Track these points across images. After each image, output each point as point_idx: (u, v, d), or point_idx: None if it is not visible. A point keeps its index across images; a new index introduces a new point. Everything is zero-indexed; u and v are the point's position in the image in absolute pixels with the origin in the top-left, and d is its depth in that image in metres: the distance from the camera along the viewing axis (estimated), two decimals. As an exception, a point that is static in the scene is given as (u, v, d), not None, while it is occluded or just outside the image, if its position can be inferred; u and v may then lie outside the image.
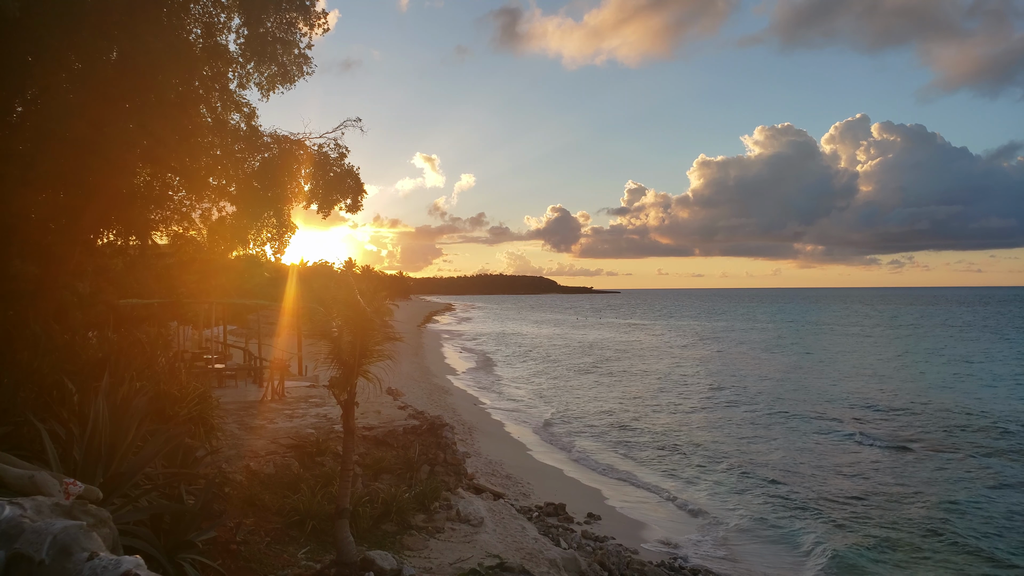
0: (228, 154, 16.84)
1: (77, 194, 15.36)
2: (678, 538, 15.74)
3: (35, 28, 13.01)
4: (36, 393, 9.08)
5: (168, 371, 12.81)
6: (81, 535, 1.09)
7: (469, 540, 11.30)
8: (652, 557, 14.13)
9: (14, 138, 14.50)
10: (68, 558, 1.03)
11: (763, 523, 16.91)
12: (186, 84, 15.71)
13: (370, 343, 9.40)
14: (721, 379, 42.60)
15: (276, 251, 17.83)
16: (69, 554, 1.04)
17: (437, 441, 14.43)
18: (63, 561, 1.02)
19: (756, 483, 20.13)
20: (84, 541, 1.08)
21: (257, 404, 17.26)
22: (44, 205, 15.06)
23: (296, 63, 17.05)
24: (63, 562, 1.02)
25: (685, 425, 28.47)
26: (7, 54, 13.42)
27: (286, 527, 10.42)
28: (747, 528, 16.64)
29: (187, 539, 7.33)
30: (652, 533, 16.12)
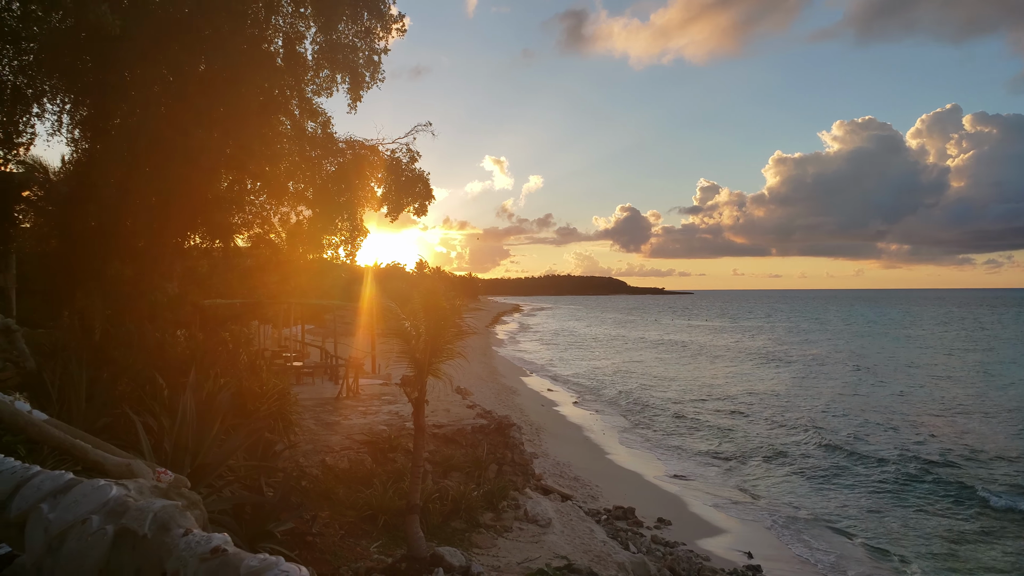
0: (306, 160, 17.44)
1: (167, 200, 16.14)
2: (753, 547, 15.42)
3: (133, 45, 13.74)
4: (131, 387, 9.65)
5: (250, 368, 13.32)
6: (177, 513, 1.27)
7: (537, 540, 11.41)
8: (724, 565, 13.92)
9: (113, 148, 15.33)
10: (167, 533, 1.20)
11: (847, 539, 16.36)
12: (267, 93, 16.35)
13: (442, 341, 9.61)
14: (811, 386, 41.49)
15: (349, 254, 18.36)
16: (167, 530, 1.21)
17: (505, 441, 14.60)
18: (162, 536, 1.20)
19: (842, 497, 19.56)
20: (180, 519, 1.26)
21: (333, 401, 17.76)
22: (138, 211, 15.87)
23: (369, 68, 17.54)
24: (162, 536, 1.19)
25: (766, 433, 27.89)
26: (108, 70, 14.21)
27: (359, 521, 10.74)
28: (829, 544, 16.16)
29: (267, 529, 7.69)
30: (725, 540, 15.85)
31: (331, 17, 16.57)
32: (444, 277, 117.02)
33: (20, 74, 15.73)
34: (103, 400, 8.27)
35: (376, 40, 17.62)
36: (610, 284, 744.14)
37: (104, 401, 8.29)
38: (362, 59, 17.44)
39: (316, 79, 17.54)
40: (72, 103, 16.60)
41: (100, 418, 8.02)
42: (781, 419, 30.15)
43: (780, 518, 17.49)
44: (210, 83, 15.42)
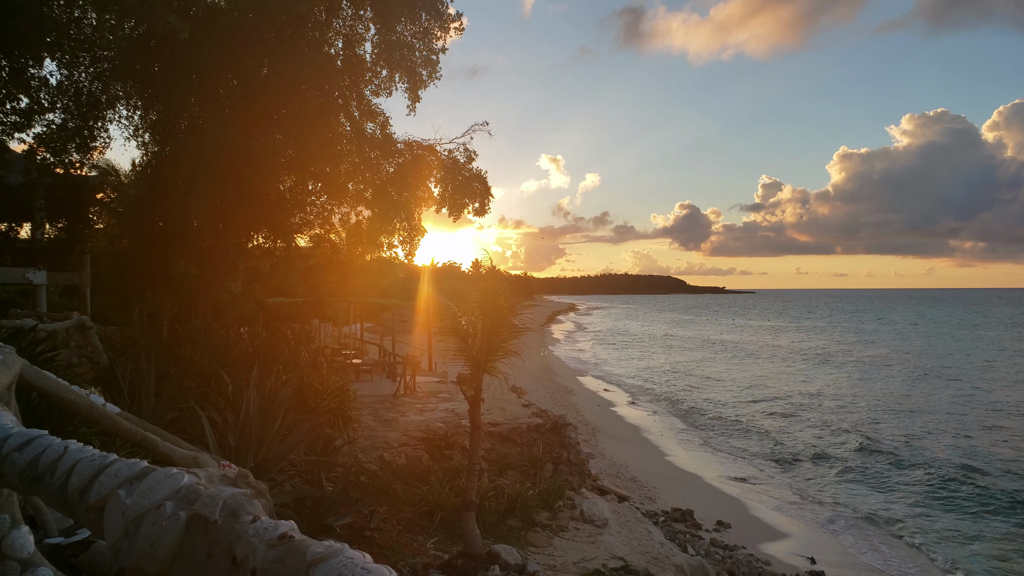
0: (365, 161, 17.71)
1: (231, 200, 16.58)
2: (816, 552, 15.04)
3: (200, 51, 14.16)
4: (197, 383, 9.94)
5: (310, 365, 13.58)
6: (246, 501, 1.31)
7: (593, 540, 11.37)
8: (786, 570, 13.63)
9: (179, 151, 15.81)
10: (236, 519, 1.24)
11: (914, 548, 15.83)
12: (327, 95, 16.66)
13: (498, 339, 9.66)
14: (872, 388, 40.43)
15: (408, 253, 18.59)
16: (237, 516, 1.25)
17: (561, 440, 14.58)
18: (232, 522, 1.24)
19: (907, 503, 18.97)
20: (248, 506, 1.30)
21: (390, 398, 17.98)
22: (203, 211, 16.35)
23: (427, 68, 17.72)
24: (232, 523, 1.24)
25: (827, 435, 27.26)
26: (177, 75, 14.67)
27: (416, 516, 10.85)
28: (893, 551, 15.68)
29: (326, 523, 7.84)
30: (787, 544, 15.50)
31: (390, 18, 16.80)
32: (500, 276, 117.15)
33: (96, 80, 16.37)
34: (171, 395, 8.54)
35: (434, 40, 17.80)
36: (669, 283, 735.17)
37: (172, 396, 8.56)
38: (420, 59, 17.64)
39: (375, 80, 17.80)
40: (143, 108, 17.20)
41: (168, 412, 8.28)
42: (843, 421, 29.42)
43: (843, 523, 17.07)
44: (272, 86, 15.79)
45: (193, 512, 1.35)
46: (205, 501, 1.35)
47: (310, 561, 1.04)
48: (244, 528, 1.23)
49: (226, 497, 1.33)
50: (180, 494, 1.41)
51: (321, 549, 1.05)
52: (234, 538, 1.22)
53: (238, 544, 1.20)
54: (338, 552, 1.04)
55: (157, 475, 1.54)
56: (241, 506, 1.30)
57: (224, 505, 1.32)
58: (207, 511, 1.32)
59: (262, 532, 1.17)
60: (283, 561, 1.09)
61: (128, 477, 1.62)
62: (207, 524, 1.30)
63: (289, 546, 1.11)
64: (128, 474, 1.64)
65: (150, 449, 4.88)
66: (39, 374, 4.25)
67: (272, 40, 15.41)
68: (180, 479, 1.47)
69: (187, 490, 1.41)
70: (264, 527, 1.19)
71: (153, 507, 1.41)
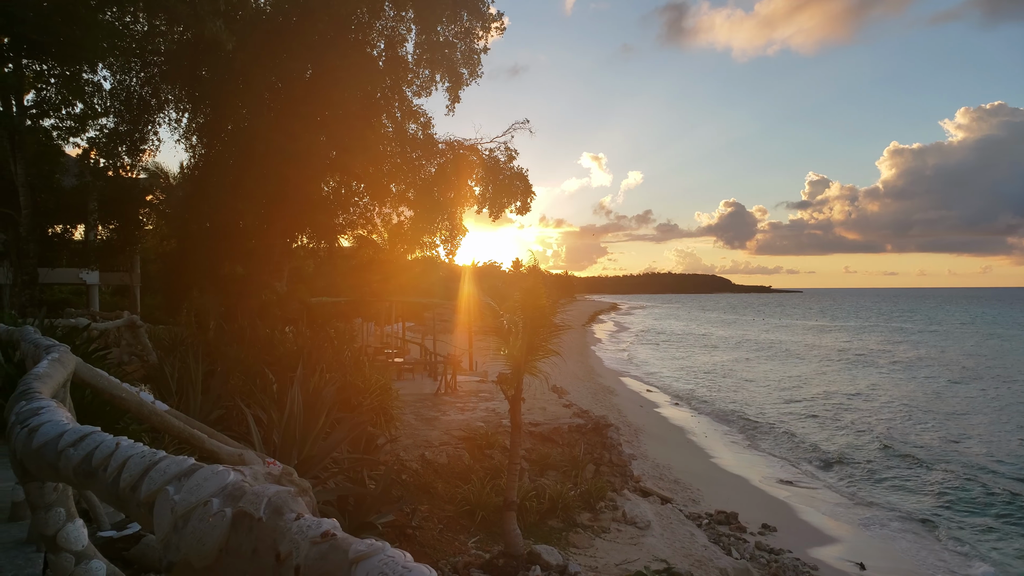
0: (407, 161, 17.85)
1: (276, 201, 16.84)
2: (866, 558, 14.69)
3: (246, 55, 14.41)
4: (242, 381, 10.12)
5: (353, 364, 13.71)
6: (289, 498, 1.34)
7: (635, 542, 11.30)
8: (832, 574, 13.41)
9: (226, 153, 16.11)
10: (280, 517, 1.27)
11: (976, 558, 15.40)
12: (370, 96, 16.83)
13: (539, 339, 9.64)
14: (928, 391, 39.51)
15: (449, 253, 18.69)
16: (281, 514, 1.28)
17: (602, 441, 14.52)
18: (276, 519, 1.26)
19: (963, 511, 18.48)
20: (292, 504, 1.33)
21: (432, 397, 18.09)
22: (249, 212, 16.62)
23: (468, 67, 17.80)
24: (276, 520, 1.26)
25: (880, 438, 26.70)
26: (223, 79, 14.97)
27: (457, 516, 10.90)
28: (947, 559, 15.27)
29: (369, 521, 7.91)
30: (836, 549, 15.14)
31: (431, 18, 16.90)
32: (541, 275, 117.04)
33: (146, 85, 16.80)
34: (217, 393, 8.71)
35: (475, 39, 17.86)
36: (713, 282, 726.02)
37: (218, 394, 8.73)
38: (461, 58, 17.72)
39: (416, 80, 17.93)
40: (191, 111, 17.59)
41: (214, 410, 8.45)
42: (890, 424, 28.78)
43: (895, 528, 16.68)
44: (316, 88, 16.00)
45: (238, 509, 1.37)
46: (250, 498, 1.38)
47: (352, 559, 1.06)
48: (288, 525, 1.25)
49: (270, 495, 1.35)
50: (226, 491, 1.43)
51: (363, 547, 1.07)
52: (278, 535, 1.24)
53: (282, 541, 1.22)
54: (379, 551, 1.06)
55: (204, 472, 1.57)
56: (285, 503, 1.33)
57: (268, 503, 1.34)
58: (252, 508, 1.35)
59: (305, 530, 1.19)
60: (326, 558, 1.11)
61: (176, 474, 1.65)
62: (252, 521, 1.33)
63: (332, 544, 1.12)
64: (176, 471, 1.67)
65: (197, 446, 4.99)
66: (92, 372, 4.38)
67: (315, 43, 15.61)
68: (226, 476, 1.50)
69: (233, 487, 1.44)
70: (307, 525, 1.21)
71: (200, 503, 1.44)
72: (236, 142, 16.32)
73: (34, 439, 2.28)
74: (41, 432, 2.28)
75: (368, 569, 1.02)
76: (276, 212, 17.39)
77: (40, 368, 3.24)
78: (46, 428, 2.28)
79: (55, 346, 4.30)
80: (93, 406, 5.67)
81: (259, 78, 15.17)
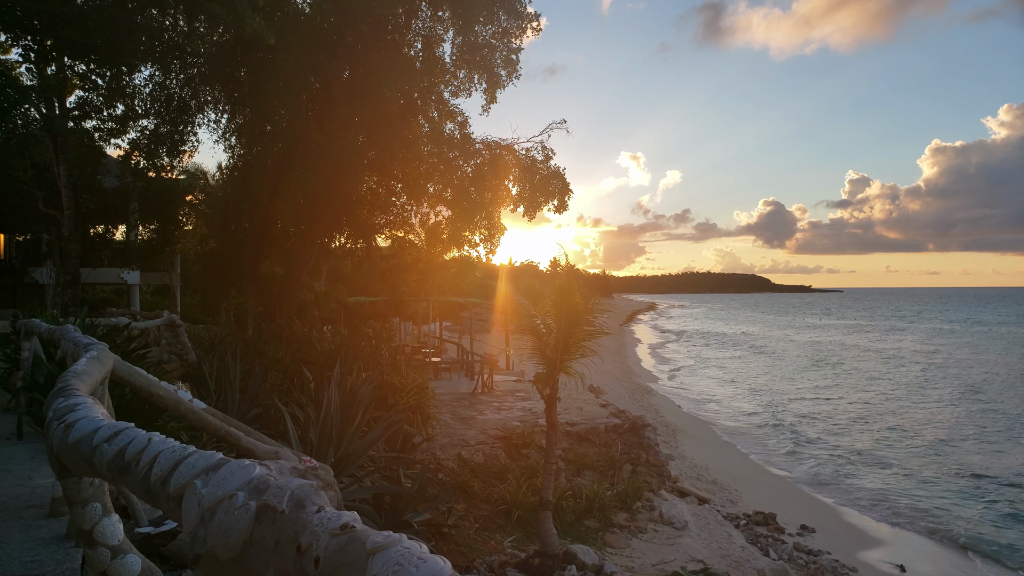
0: (444, 161, 17.90)
1: (314, 202, 17.02)
2: (907, 560, 14.41)
3: (284, 55, 14.58)
4: (280, 380, 10.24)
5: (391, 363, 13.80)
6: (312, 492, 1.34)
7: (672, 543, 11.21)
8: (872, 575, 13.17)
9: (264, 153, 16.31)
10: (302, 509, 1.28)
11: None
12: (407, 96, 16.92)
13: (574, 339, 9.61)
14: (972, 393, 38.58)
15: (488, 252, 18.71)
16: (303, 506, 1.29)
17: (639, 441, 14.42)
18: (298, 512, 1.27)
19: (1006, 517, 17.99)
20: (314, 497, 1.33)
21: (468, 396, 18.12)
22: (288, 213, 16.81)
23: (506, 68, 17.80)
24: (298, 513, 1.27)
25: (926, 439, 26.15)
26: (263, 79, 15.16)
27: (493, 515, 10.91)
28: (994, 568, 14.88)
29: (405, 519, 7.95)
30: (876, 551, 14.90)
31: (468, 19, 16.93)
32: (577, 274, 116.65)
33: (186, 86, 17.10)
34: (255, 391, 8.81)
35: (512, 39, 17.85)
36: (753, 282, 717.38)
37: (256, 392, 8.83)
38: (499, 59, 17.72)
39: (454, 80, 17.98)
40: (230, 112, 17.85)
41: (252, 408, 8.55)
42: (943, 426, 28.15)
43: (938, 532, 16.31)
44: (354, 88, 16.14)
45: (263, 502, 1.38)
46: (274, 491, 1.39)
47: (370, 550, 1.06)
48: (309, 518, 1.25)
49: (293, 488, 1.36)
50: (251, 484, 1.44)
51: (380, 539, 1.07)
52: (299, 527, 1.25)
53: (303, 533, 1.23)
54: (396, 542, 1.06)
55: (231, 466, 1.58)
56: (307, 497, 1.33)
57: (291, 496, 1.34)
58: (275, 501, 1.36)
59: (325, 522, 1.20)
60: (344, 549, 1.11)
61: (204, 468, 1.67)
62: (275, 513, 1.34)
63: (351, 536, 1.13)
64: (204, 465, 1.69)
65: (234, 444, 5.04)
66: (130, 370, 4.44)
67: (353, 43, 15.75)
68: (252, 470, 1.51)
69: (258, 481, 1.45)
70: (328, 517, 1.21)
71: (226, 497, 1.45)
72: (275, 143, 16.52)
73: (70, 435, 2.32)
74: (77, 428, 2.31)
75: (385, 560, 1.03)
76: (315, 212, 17.57)
77: (78, 366, 3.29)
78: (81, 424, 2.31)
79: (94, 344, 4.38)
80: (132, 404, 5.77)
81: (298, 79, 15.34)
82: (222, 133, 17.82)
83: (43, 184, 17.97)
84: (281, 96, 15.18)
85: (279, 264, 18.55)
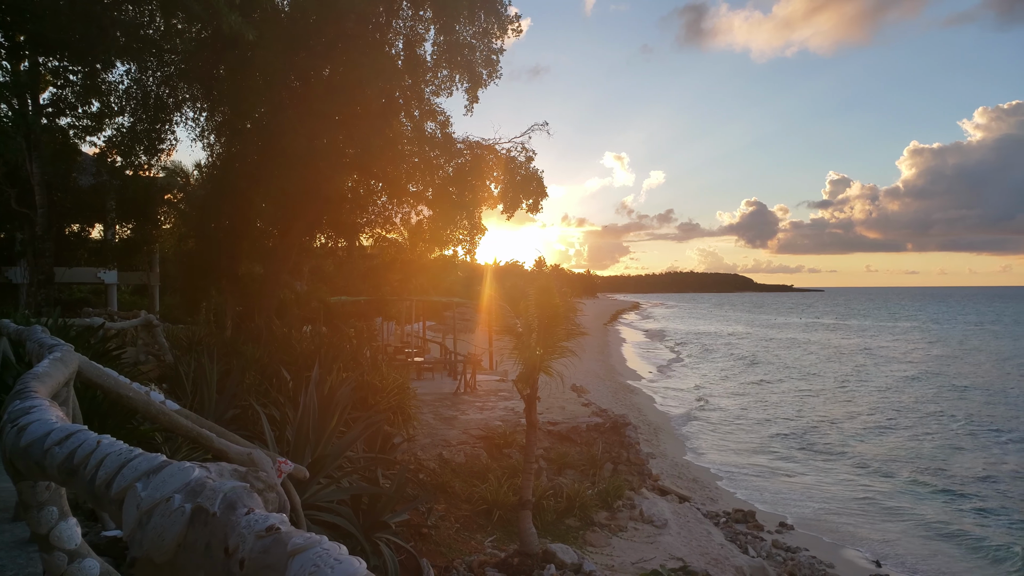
0: (425, 160, 17.84)
1: (295, 201, 16.92)
2: (882, 557, 14.60)
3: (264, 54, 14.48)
4: (258, 380, 10.18)
5: (371, 363, 13.75)
6: (244, 494, 1.34)
7: (652, 541, 11.25)
8: (850, 572, 13.30)
9: (244, 152, 16.19)
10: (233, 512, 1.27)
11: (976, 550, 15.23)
12: (388, 95, 16.85)
13: (554, 339, 9.62)
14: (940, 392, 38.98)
15: (468, 252, 18.68)
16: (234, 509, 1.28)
17: (620, 440, 14.46)
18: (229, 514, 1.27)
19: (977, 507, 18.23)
20: (246, 499, 1.33)
21: (451, 396, 18.10)
22: (268, 212, 16.69)
23: (487, 68, 17.78)
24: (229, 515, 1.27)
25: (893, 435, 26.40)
26: (242, 76, 15.05)
27: (474, 515, 10.90)
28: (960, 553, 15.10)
29: (383, 520, 7.91)
30: (852, 548, 15.09)
31: (449, 18, 16.89)
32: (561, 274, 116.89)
33: (163, 84, 16.93)
34: (232, 392, 8.75)
35: (493, 40, 17.83)
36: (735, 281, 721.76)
37: (233, 393, 8.77)
38: (480, 59, 17.69)
39: (435, 80, 17.93)
40: (209, 110, 17.70)
41: (229, 409, 8.49)
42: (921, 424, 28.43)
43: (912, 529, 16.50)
44: (334, 87, 16.06)
45: (197, 504, 1.38)
46: (208, 494, 1.38)
47: (290, 551, 1.07)
48: (239, 520, 1.25)
49: (226, 490, 1.36)
50: (189, 487, 1.44)
51: (301, 540, 1.07)
52: (229, 529, 1.25)
53: (231, 535, 1.23)
54: (316, 543, 1.06)
55: (171, 468, 1.57)
56: (239, 499, 1.32)
57: (224, 498, 1.34)
58: (208, 503, 1.35)
59: (252, 524, 1.20)
60: (268, 551, 1.11)
61: (146, 471, 1.65)
62: (208, 516, 1.33)
63: (275, 537, 1.13)
64: (147, 468, 1.68)
65: (206, 445, 5.00)
66: (98, 371, 4.39)
67: (334, 41, 15.67)
68: (191, 472, 1.50)
69: (196, 483, 1.44)
70: (255, 519, 1.21)
71: (163, 499, 1.45)
72: (254, 141, 16.40)
73: (22, 437, 2.29)
74: (29, 431, 2.28)
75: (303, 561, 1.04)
76: (295, 211, 17.47)
77: (39, 368, 3.26)
78: (34, 427, 2.28)
79: (59, 345, 4.32)
80: (105, 406, 5.71)
81: (278, 76, 15.24)
82: (200, 131, 17.67)
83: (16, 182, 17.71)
84: (260, 93, 15.07)
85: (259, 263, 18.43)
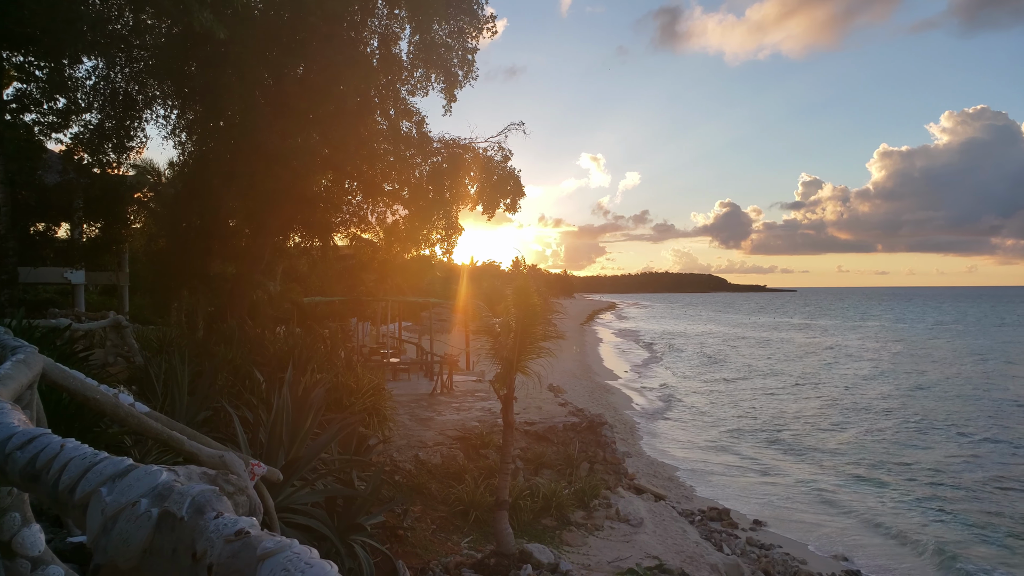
0: (401, 159, 17.75)
1: (267, 200, 16.73)
2: (852, 552, 14.81)
3: (236, 51, 14.30)
4: (230, 381, 10.04)
5: (346, 364, 13.65)
6: (213, 498, 1.29)
7: (628, 540, 11.26)
8: (822, 568, 13.43)
9: (216, 150, 15.97)
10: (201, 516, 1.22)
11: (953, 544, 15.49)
12: (363, 94, 16.73)
13: (531, 338, 9.59)
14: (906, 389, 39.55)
15: (445, 252, 18.61)
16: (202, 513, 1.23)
17: (597, 439, 14.47)
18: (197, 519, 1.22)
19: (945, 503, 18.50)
20: (215, 503, 1.28)
21: (427, 397, 18.02)
22: (240, 211, 16.49)
23: (463, 68, 17.73)
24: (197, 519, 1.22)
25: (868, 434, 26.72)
26: (214, 73, 14.85)
27: (450, 516, 10.85)
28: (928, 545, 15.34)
29: (357, 522, 7.83)
30: (823, 544, 15.30)
31: (425, 17, 16.80)
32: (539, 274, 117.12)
33: (132, 81, 16.63)
34: (204, 394, 8.62)
35: (469, 39, 17.78)
36: (710, 281, 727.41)
37: (205, 395, 8.63)
38: (456, 59, 17.63)
39: (411, 79, 17.84)
40: (180, 107, 17.44)
41: (201, 411, 8.36)
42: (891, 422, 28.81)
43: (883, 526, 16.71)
44: (309, 86, 15.92)
45: (164, 508, 1.33)
46: (175, 498, 1.33)
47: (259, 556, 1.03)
48: (207, 524, 1.20)
49: (194, 494, 1.31)
50: (156, 491, 1.39)
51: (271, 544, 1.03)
52: (196, 534, 1.20)
53: (199, 540, 1.18)
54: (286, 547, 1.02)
55: (138, 472, 1.52)
56: (208, 503, 1.27)
57: (192, 502, 1.29)
58: (176, 508, 1.30)
59: (221, 528, 1.15)
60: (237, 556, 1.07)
61: (112, 474, 1.60)
62: (175, 520, 1.28)
63: (244, 542, 1.08)
64: (112, 471, 1.62)
65: (177, 448, 4.89)
66: (64, 373, 4.28)
67: (308, 39, 15.53)
68: (158, 476, 1.45)
69: (163, 487, 1.40)
70: (224, 523, 1.16)
71: (129, 504, 1.40)
72: (227, 139, 16.20)
73: (-18, 441, 2.21)
74: (-11, 434, 2.20)
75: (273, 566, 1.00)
76: (268, 211, 17.29)
77: (1, 369, 3.17)
78: (-5, 430, 2.21)
79: (22, 347, 4.21)
80: (71, 409, 5.58)
81: (250, 74, 15.07)
82: (172, 129, 17.40)
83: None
84: (233, 91, 14.89)
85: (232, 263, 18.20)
